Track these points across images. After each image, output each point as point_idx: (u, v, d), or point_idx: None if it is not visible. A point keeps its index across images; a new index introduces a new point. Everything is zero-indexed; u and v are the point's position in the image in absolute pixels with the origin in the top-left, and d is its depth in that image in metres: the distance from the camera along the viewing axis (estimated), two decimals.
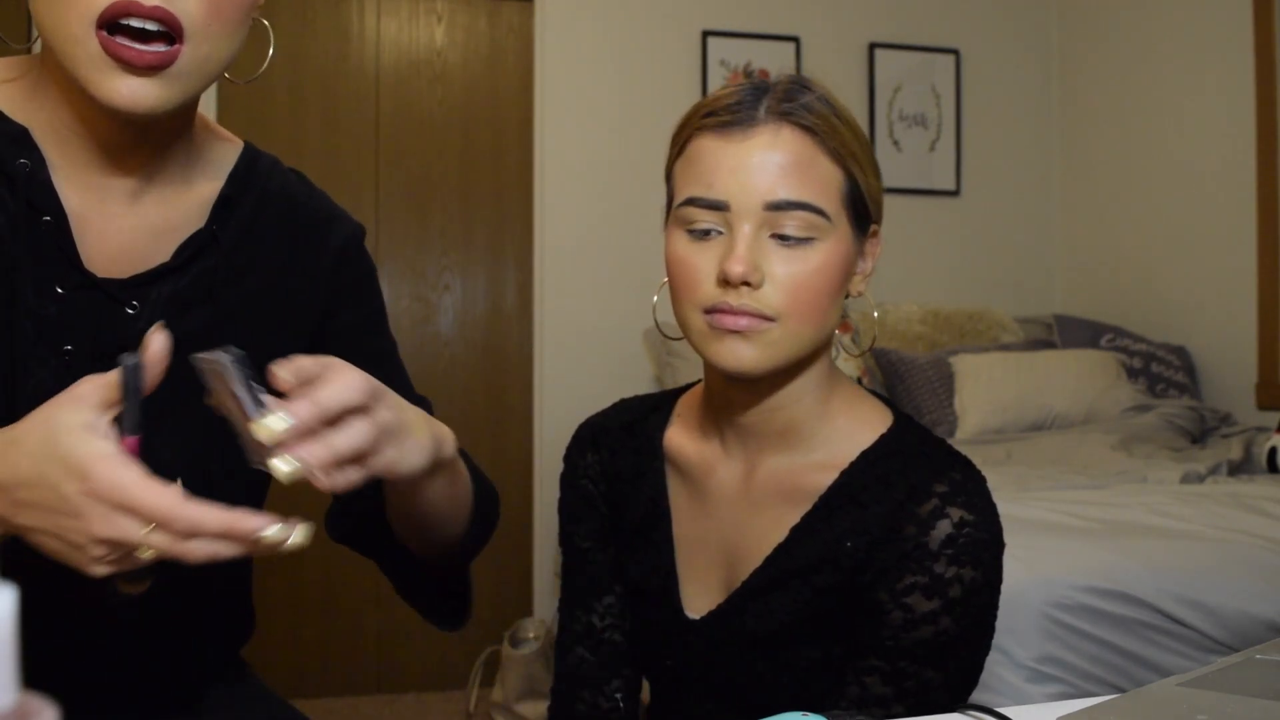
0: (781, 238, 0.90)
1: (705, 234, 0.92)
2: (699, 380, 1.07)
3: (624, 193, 3.32)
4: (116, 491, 0.63)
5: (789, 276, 0.90)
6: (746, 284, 0.89)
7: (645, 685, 1.11)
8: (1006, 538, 0.95)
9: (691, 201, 0.92)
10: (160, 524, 0.63)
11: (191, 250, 0.87)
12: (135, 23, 0.74)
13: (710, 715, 1.01)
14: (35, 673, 0.55)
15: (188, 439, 0.87)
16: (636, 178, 3.24)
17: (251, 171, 0.93)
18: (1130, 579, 1.70)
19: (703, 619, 0.99)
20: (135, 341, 0.82)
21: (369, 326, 1.01)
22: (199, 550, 0.64)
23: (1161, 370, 3.16)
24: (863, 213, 0.95)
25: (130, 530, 0.63)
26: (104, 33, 0.73)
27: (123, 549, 0.64)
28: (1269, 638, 1.48)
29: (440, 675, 3.28)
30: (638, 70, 3.40)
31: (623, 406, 1.13)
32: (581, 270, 3.33)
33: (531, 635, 2.93)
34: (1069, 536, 1.83)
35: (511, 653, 2.88)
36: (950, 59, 3.70)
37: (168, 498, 0.63)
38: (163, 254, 0.86)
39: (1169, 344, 3.23)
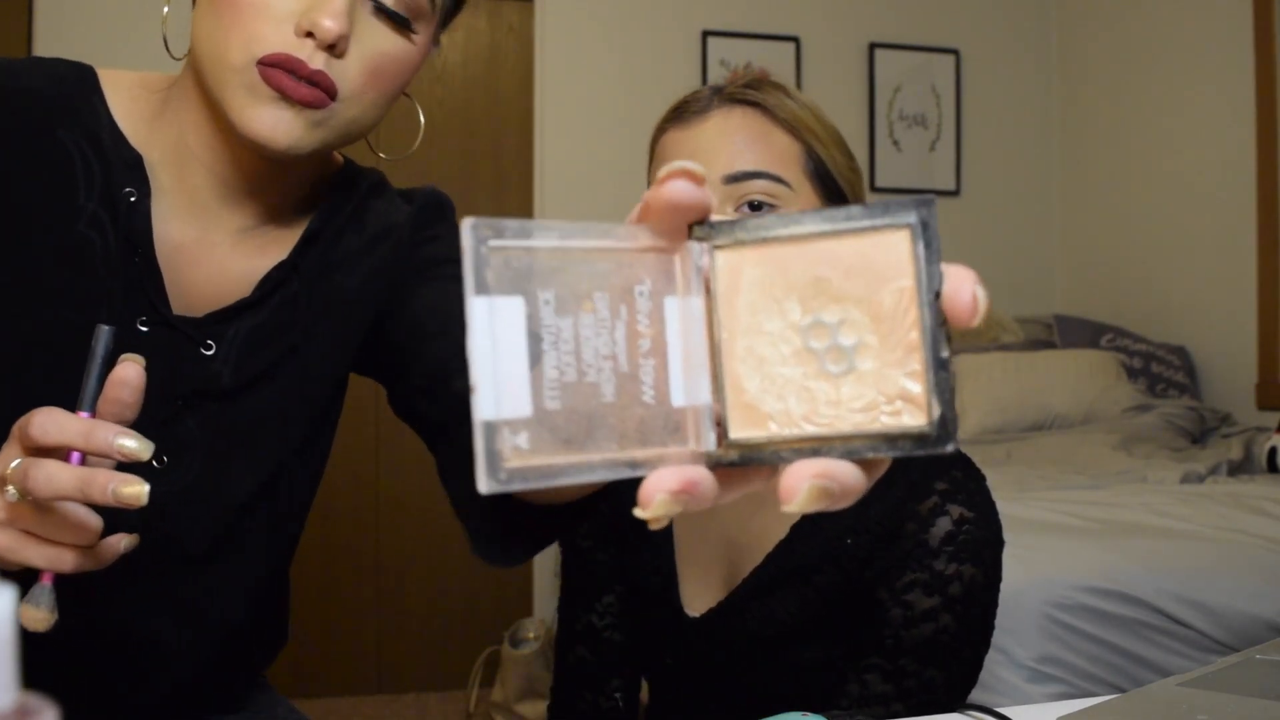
0: (746, 209, 0.92)
1: None
2: None
3: (624, 193, 3.32)
4: (21, 420, 0.59)
5: None
6: None
7: (645, 685, 1.11)
8: (1006, 538, 0.95)
9: None
10: (23, 431, 0.58)
11: (272, 285, 0.85)
12: (292, 81, 0.74)
13: (710, 715, 1.01)
14: (67, 693, 0.55)
15: (257, 471, 0.86)
16: (636, 177, 3.23)
17: (347, 199, 0.90)
18: (1130, 579, 1.70)
19: (702, 617, 0.99)
20: (210, 382, 0.82)
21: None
22: (44, 478, 0.57)
23: (1161, 370, 3.16)
24: (833, 189, 0.96)
25: (11, 455, 0.59)
26: (264, 67, 0.74)
27: (2, 485, 0.59)
28: (1269, 638, 1.48)
29: (440, 675, 3.28)
30: (638, 70, 3.40)
31: None
32: None
33: (531, 635, 2.93)
34: (1069, 536, 1.83)
35: (511, 653, 2.88)
36: (950, 59, 3.70)
37: (48, 409, 0.59)
38: (244, 286, 0.84)
39: (1169, 344, 3.23)
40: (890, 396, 0.34)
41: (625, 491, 1.09)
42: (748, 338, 0.34)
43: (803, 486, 0.34)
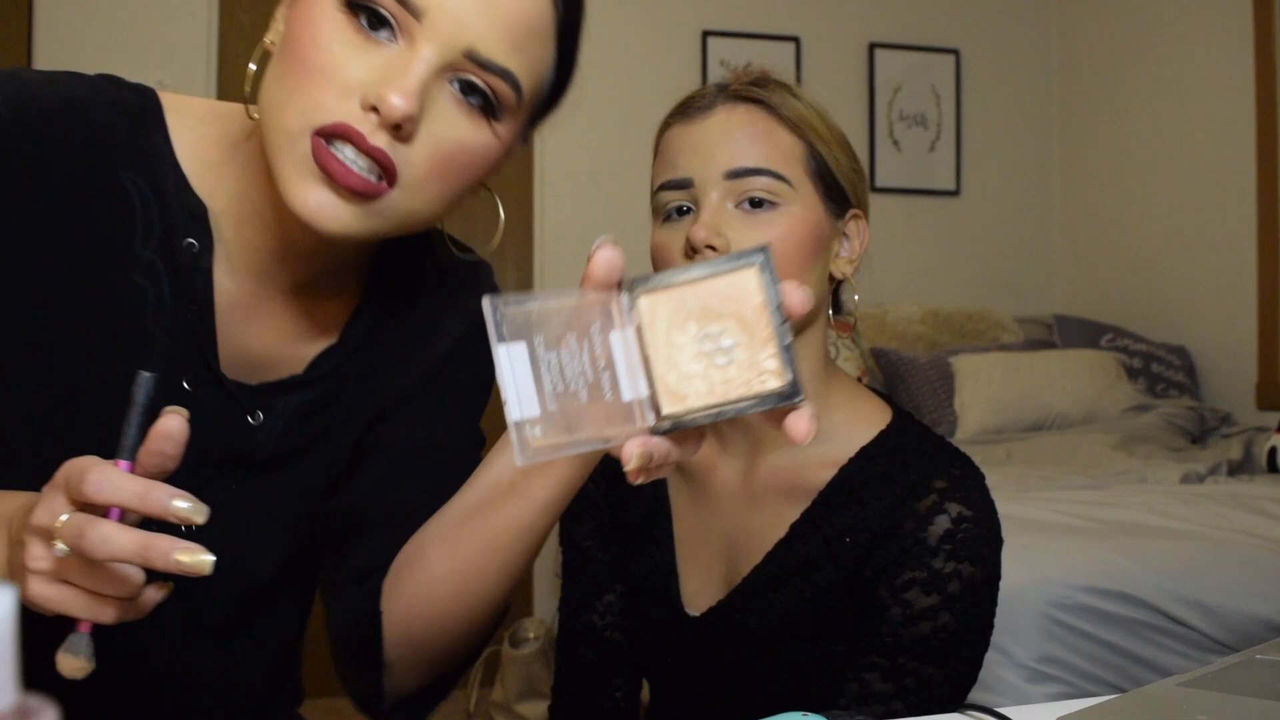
0: (745, 206, 0.92)
1: (679, 214, 0.94)
2: None
3: (624, 193, 3.32)
4: (64, 468, 0.58)
5: (754, 242, 0.91)
6: (712, 248, 0.91)
7: (646, 684, 1.11)
8: (1007, 538, 0.95)
9: (661, 187, 0.96)
10: (77, 487, 0.57)
11: (324, 365, 0.82)
12: (350, 151, 0.67)
13: (710, 714, 1.01)
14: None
15: (280, 547, 0.84)
16: (636, 178, 3.23)
17: (410, 262, 0.86)
18: (1130, 579, 1.70)
19: (703, 616, 0.99)
20: (253, 450, 0.79)
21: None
22: (100, 539, 0.56)
23: (1161, 370, 3.16)
24: (834, 188, 0.96)
25: (58, 506, 0.57)
26: (320, 139, 0.67)
27: (49, 535, 0.57)
28: (1269, 638, 1.48)
29: None
30: (638, 70, 3.40)
31: None
32: (581, 270, 3.33)
33: (531, 635, 2.93)
34: (1069, 536, 1.83)
35: (511, 653, 2.88)
36: (950, 59, 3.70)
37: (97, 461, 0.57)
38: (295, 360, 0.81)
39: (1169, 344, 3.23)
40: (759, 372, 0.53)
41: (626, 491, 1.09)
42: (665, 350, 0.54)
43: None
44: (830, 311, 1.01)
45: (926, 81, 3.67)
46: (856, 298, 1.02)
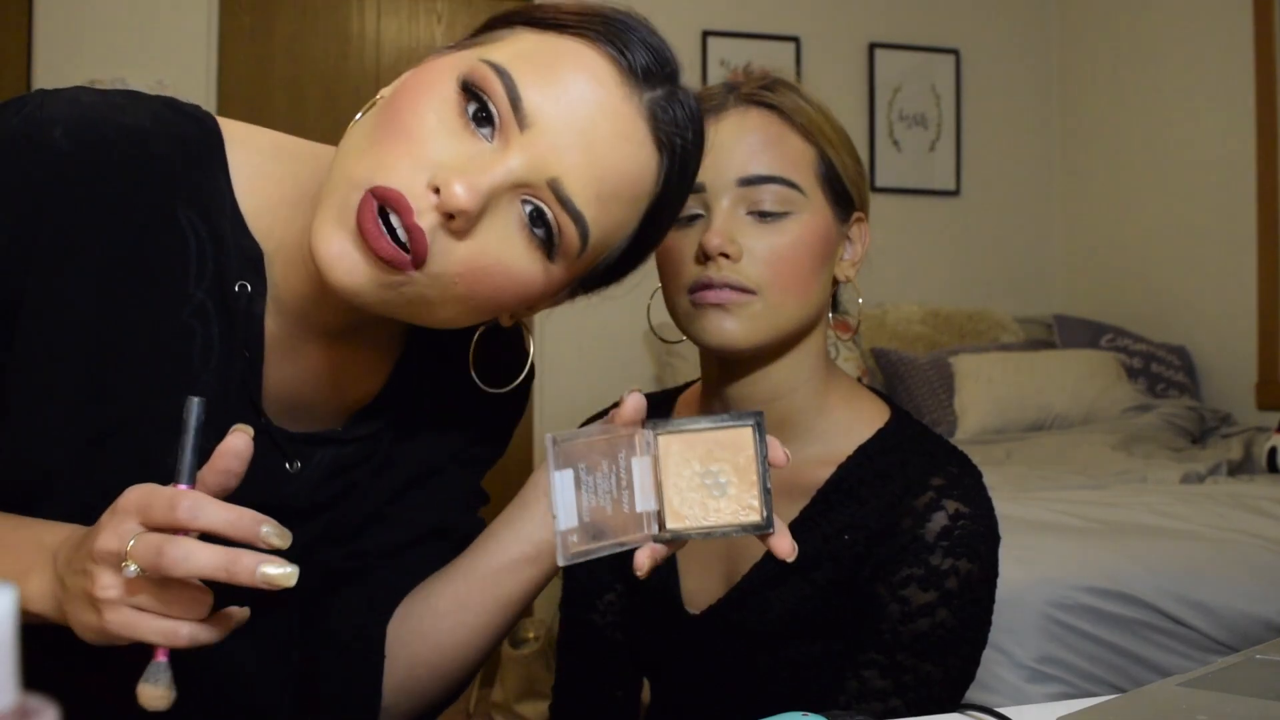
0: (758, 214, 0.92)
1: (689, 221, 0.94)
2: (699, 379, 1.07)
3: None
4: (129, 494, 0.59)
5: (767, 249, 0.91)
6: (726, 256, 0.91)
7: (646, 684, 1.11)
8: (1006, 538, 0.95)
9: None
10: (164, 511, 0.58)
11: (362, 420, 0.81)
12: (394, 220, 0.65)
13: (711, 713, 1.01)
14: None
15: (299, 587, 0.85)
16: None
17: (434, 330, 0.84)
18: (1130, 579, 1.70)
19: (703, 614, 0.99)
20: (288, 499, 0.78)
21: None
22: (181, 556, 0.56)
23: (1161, 370, 3.16)
24: (842, 194, 0.96)
25: (127, 530, 0.58)
26: (373, 198, 0.65)
27: (118, 561, 0.58)
28: (1269, 638, 1.48)
29: None
30: None
31: None
32: None
33: (531, 635, 2.93)
34: (1069, 536, 1.83)
35: (511, 653, 2.88)
36: (950, 59, 3.70)
37: (162, 488, 0.59)
38: (333, 408, 0.80)
39: (1169, 344, 3.23)
40: (744, 507, 0.68)
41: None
42: (674, 478, 0.69)
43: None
44: (829, 313, 1.01)
45: (926, 81, 3.67)
46: (860, 300, 1.02)
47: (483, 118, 0.67)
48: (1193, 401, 3.07)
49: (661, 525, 0.68)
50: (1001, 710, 0.75)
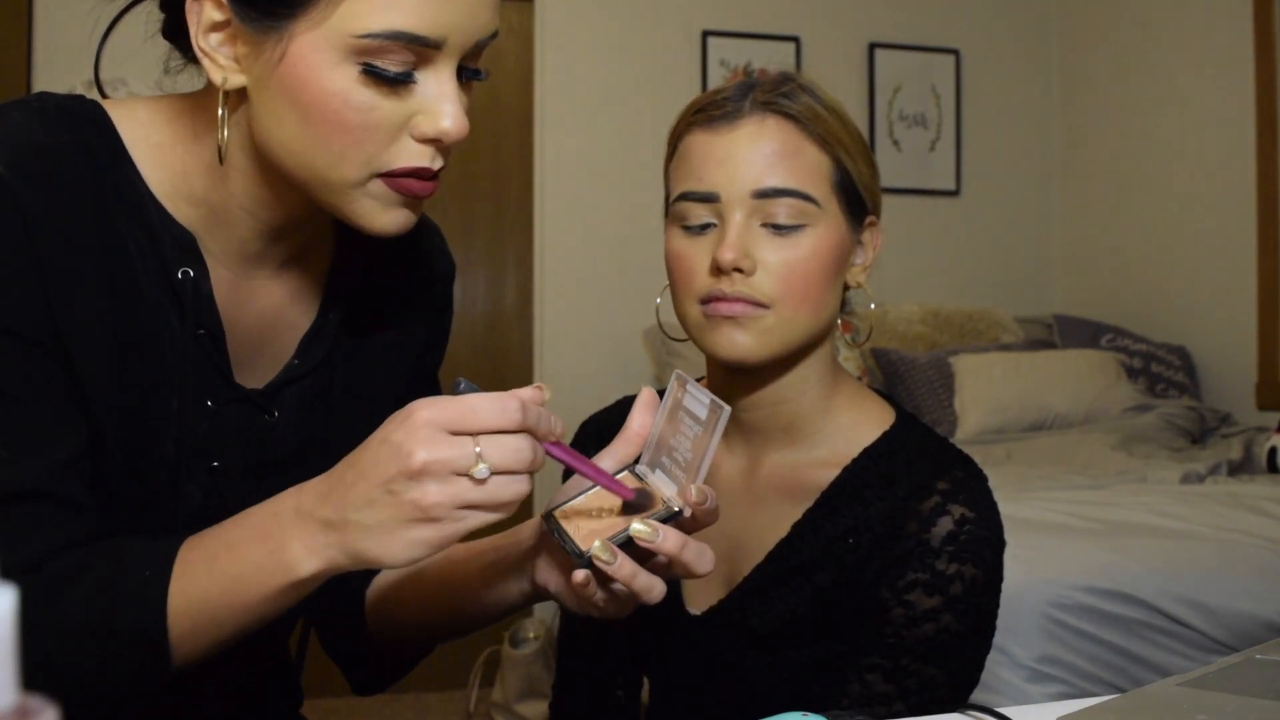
0: (773, 226, 0.91)
1: (701, 229, 0.93)
2: (701, 377, 1.07)
3: (624, 192, 3.32)
4: (440, 409, 0.62)
5: (781, 263, 0.91)
6: (739, 270, 0.90)
7: (646, 683, 1.11)
8: (1007, 537, 0.95)
9: (684, 196, 0.94)
10: (531, 418, 0.63)
11: (312, 347, 0.85)
12: (420, 183, 0.74)
13: (711, 713, 1.01)
14: None
15: None
16: (636, 178, 3.24)
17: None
18: (1130, 579, 1.70)
19: (704, 615, 0.99)
20: (276, 450, 0.83)
21: (437, 364, 1.00)
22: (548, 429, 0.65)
23: (1161, 370, 3.16)
24: (855, 201, 0.96)
25: (462, 448, 0.61)
26: (392, 179, 0.72)
27: (455, 470, 0.61)
28: (1269, 638, 1.48)
29: (440, 675, 3.28)
30: (638, 70, 3.40)
31: (625, 404, 1.13)
32: (581, 270, 3.33)
33: (531, 635, 2.93)
34: (1069, 536, 1.83)
35: (511, 653, 2.88)
36: (950, 59, 3.70)
37: (505, 397, 0.63)
38: (287, 347, 0.84)
39: (1169, 344, 3.23)
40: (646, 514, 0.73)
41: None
42: (585, 532, 0.73)
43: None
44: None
45: (926, 81, 3.67)
46: (872, 305, 1.02)
47: (404, 77, 0.70)
48: (1193, 401, 3.07)
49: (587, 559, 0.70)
50: (1002, 710, 0.75)
